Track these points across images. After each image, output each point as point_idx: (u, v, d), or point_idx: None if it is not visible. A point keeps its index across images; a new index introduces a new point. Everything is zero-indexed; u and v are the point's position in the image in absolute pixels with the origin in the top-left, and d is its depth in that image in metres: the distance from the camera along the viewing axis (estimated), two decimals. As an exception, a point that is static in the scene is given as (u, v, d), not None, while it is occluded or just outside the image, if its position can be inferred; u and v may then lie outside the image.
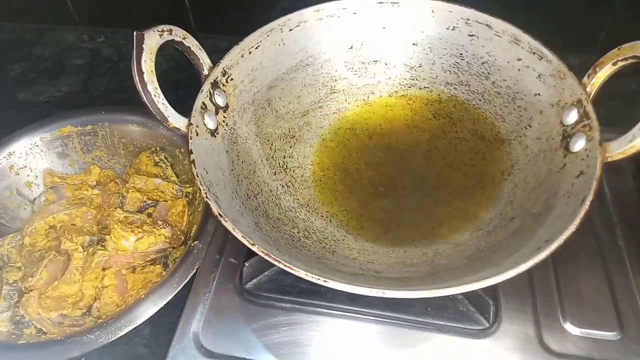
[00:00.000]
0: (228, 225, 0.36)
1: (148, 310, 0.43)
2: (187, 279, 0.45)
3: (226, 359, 0.42)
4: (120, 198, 0.53)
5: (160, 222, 0.51)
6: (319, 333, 0.43)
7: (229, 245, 0.48)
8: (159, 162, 0.56)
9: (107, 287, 0.48)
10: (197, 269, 0.46)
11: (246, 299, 0.45)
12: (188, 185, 0.55)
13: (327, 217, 0.47)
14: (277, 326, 0.43)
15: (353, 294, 0.33)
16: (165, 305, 0.44)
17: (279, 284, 0.46)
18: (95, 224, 0.53)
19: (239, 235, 0.35)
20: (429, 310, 0.43)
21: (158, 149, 0.57)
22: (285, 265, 0.34)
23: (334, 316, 0.44)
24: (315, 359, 0.41)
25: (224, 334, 0.43)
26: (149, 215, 0.53)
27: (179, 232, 0.52)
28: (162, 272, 0.49)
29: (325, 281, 0.33)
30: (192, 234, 0.49)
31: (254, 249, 0.35)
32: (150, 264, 0.50)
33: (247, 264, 0.46)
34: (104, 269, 0.48)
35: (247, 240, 0.35)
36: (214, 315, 0.44)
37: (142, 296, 0.44)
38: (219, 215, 0.36)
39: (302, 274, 0.34)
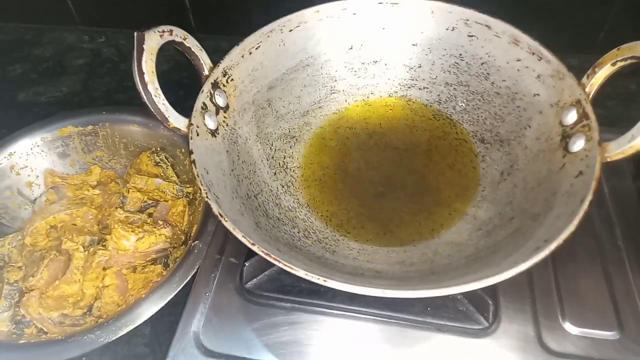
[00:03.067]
0: (228, 225, 0.36)
1: (148, 309, 0.43)
2: (188, 278, 0.45)
3: (226, 358, 0.42)
4: (121, 198, 0.53)
5: (160, 222, 0.51)
6: (319, 332, 0.43)
7: (230, 245, 0.48)
8: (159, 162, 0.56)
9: (107, 286, 0.48)
10: (198, 269, 0.46)
11: (246, 298, 0.45)
12: (188, 185, 0.55)
13: (327, 216, 0.47)
14: (277, 325, 0.43)
15: (353, 293, 0.33)
16: (165, 304, 0.44)
17: (279, 283, 0.46)
18: (95, 223, 0.53)
19: (239, 235, 0.35)
20: (428, 309, 0.43)
21: (159, 149, 0.57)
22: (285, 265, 0.34)
23: (334, 316, 0.44)
24: (315, 358, 0.42)
25: (224, 334, 0.43)
26: (150, 215, 0.53)
27: (179, 232, 0.52)
28: (162, 272, 0.49)
29: (325, 281, 0.33)
30: (192, 234, 0.49)
31: (254, 248, 0.35)
32: (151, 264, 0.50)
33: (247, 264, 0.46)
34: (104, 269, 0.49)
35: (248, 240, 0.35)
36: (215, 314, 0.44)
37: (143, 296, 0.44)
38: (219, 215, 0.36)
39: (302, 273, 0.34)
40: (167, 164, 0.56)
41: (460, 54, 0.48)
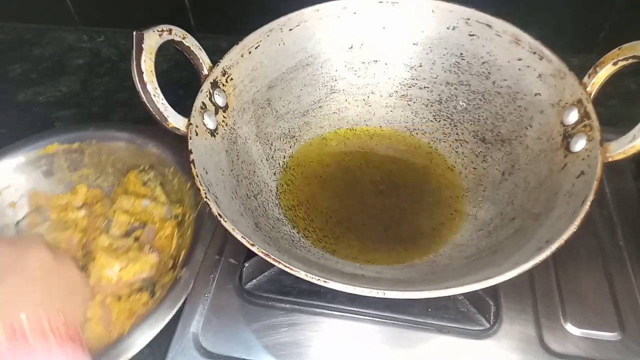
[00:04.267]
0: (228, 226, 0.36)
1: (131, 346, 0.40)
2: (172, 313, 0.43)
3: (226, 359, 0.42)
4: (106, 221, 0.51)
5: (146, 248, 0.48)
6: (319, 334, 0.43)
7: (229, 246, 0.48)
8: (147, 182, 0.54)
9: (90, 319, 0.45)
10: (184, 301, 0.44)
11: (246, 299, 0.45)
12: (178, 206, 0.52)
13: (327, 214, 0.47)
14: (276, 327, 0.43)
15: (353, 294, 0.33)
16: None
17: (279, 284, 0.45)
18: (80, 248, 0.50)
19: (238, 236, 0.35)
20: (429, 310, 0.43)
21: (147, 167, 0.54)
22: (285, 266, 0.34)
23: (334, 317, 0.43)
24: (315, 359, 0.41)
25: (223, 335, 0.43)
26: (137, 239, 0.50)
27: (167, 257, 0.49)
28: (148, 302, 0.46)
29: (325, 282, 0.33)
30: (179, 261, 0.47)
31: (254, 249, 0.35)
32: (137, 292, 0.47)
33: (246, 265, 0.46)
34: None
35: (247, 241, 0.35)
36: (214, 315, 0.44)
37: (126, 330, 0.42)
38: (218, 216, 0.36)
39: (301, 274, 0.33)
40: (156, 184, 0.54)
41: (461, 53, 0.48)
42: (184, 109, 0.42)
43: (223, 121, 0.45)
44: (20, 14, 0.76)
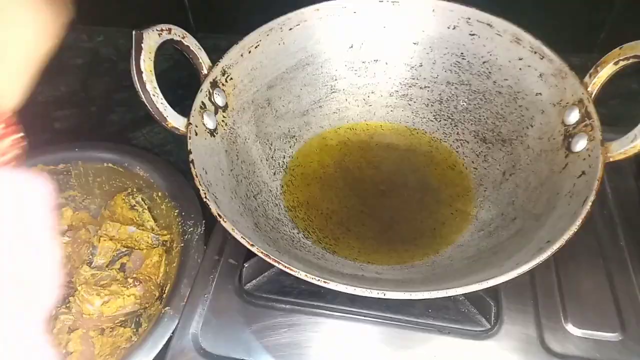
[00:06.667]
0: (227, 226, 0.35)
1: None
2: (156, 352, 0.41)
3: (225, 360, 0.42)
4: (91, 249, 0.49)
5: (130, 280, 0.47)
6: (319, 334, 0.42)
7: (228, 246, 0.48)
8: (135, 206, 0.53)
9: (71, 354, 0.44)
10: (169, 339, 0.42)
11: (246, 300, 0.45)
12: (165, 232, 0.51)
13: (327, 214, 0.47)
14: (276, 327, 0.43)
15: (353, 295, 0.33)
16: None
17: (279, 285, 0.45)
18: (63, 277, 0.46)
19: (238, 236, 0.35)
20: (429, 311, 0.43)
21: (134, 190, 0.53)
22: (285, 267, 0.34)
23: (334, 317, 0.43)
24: (315, 360, 0.41)
25: (223, 335, 0.43)
26: (122, 266, 0.49)
27: (153, 287, 0.48)
28: (131, 337, 0.46)
29: (325, 282, 0.33)
30: (165, 295, 0.45)
31: (254, 249, 0.34)
32: (120, 326, 0.46)
33: (246, 265, 0.45)
34: (69, 331, 0.45)
35: (247, 241, 0.35)
36: (213, 316, 0.44)
37: None
38: (218, 216, 0.36)
39: (301, 275, 0.33)
40: (144, 207, 0.53)
41: (462, 53, 0.48)
42: (184, 108, 0.42)
43: (223, 121, 0.45)
44: (19, 14, 0.76)
